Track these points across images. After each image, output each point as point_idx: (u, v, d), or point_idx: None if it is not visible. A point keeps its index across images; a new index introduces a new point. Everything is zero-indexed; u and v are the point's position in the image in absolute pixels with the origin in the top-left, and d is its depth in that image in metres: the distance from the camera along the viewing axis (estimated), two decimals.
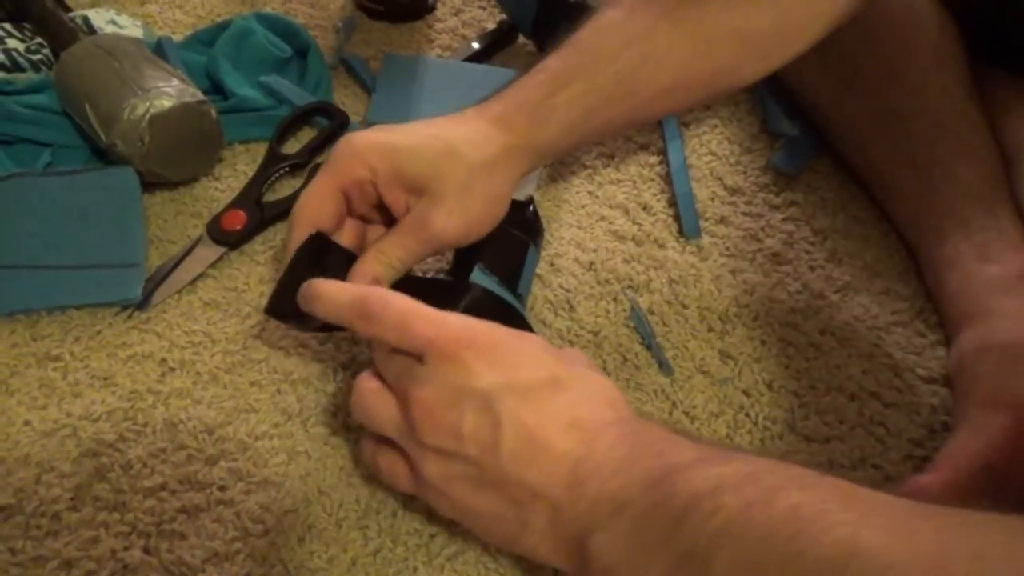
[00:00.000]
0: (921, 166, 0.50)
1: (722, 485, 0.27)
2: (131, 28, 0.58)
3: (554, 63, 0.43)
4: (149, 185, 0.51)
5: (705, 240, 0.53)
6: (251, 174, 0.53)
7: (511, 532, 0.33)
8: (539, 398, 0.33)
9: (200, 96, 0.50)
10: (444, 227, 0.39)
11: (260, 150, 0.55)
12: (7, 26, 0.56)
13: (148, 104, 0.48)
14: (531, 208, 0.46)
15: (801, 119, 0.58)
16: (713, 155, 0.58)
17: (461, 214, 0.40)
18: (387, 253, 0.40)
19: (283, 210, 0.51)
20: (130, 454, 0.41)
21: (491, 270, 0.41)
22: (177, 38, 0.61)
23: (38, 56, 0.56)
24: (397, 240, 0.40)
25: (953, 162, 0.49)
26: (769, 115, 0.59)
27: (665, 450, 0.31)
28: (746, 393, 0.45)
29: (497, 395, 0.32)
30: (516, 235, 0.44)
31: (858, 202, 0.55)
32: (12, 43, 0.55)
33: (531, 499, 0.32)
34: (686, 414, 0.44)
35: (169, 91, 0.49)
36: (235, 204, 0.51)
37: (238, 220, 0.50)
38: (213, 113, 0.51)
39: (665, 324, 0.48)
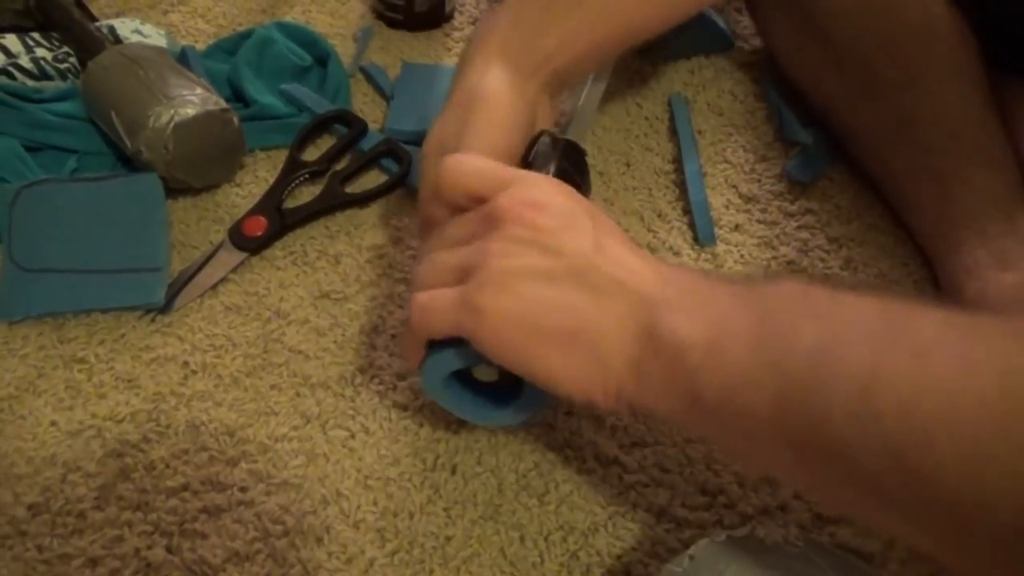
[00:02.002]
0: (938, 174, 0.50)
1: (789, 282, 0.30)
2: (155, 37, 0.59)
3: None
4: (172, 191, 0.52)
5: (720, 248, 0.53)
6: (272, 181, 0.54)
7: (581, 320, 0.31)
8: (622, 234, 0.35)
9: (223, 104, 0.51)
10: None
11: (280, 157, 0.56)
12: (36, 35, 0.57)
13: (172, 112, 0.49)
14: (585, 157, 0.45)
15: (816, 127, 0.58)
16: (728, 163, 0.58)
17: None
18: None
19: (302, 216, 0.52)
20: (153, 455, 0.42)
21: None
22: (200, 47, 0.62)
23: (65, 65, 0.57)
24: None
25: (970, 170, 0.49)
26: (784, 123, 0.59)
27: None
28: None
29: (594, 214, 0.34)
30: (578, 182, 0.43)
31: (873, 210, 0.55)
32: (40, 52, 0.56)
33: (615, 287, 0.32)
34: None
35: (193, 99, 0.50)
36: (256, 210, 0.52)
37: (259, 226, 0.51)
38: (235, 121, 0.52)
39: None
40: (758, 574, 0.34)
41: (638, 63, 0.63)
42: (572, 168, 0.43)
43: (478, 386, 0.39)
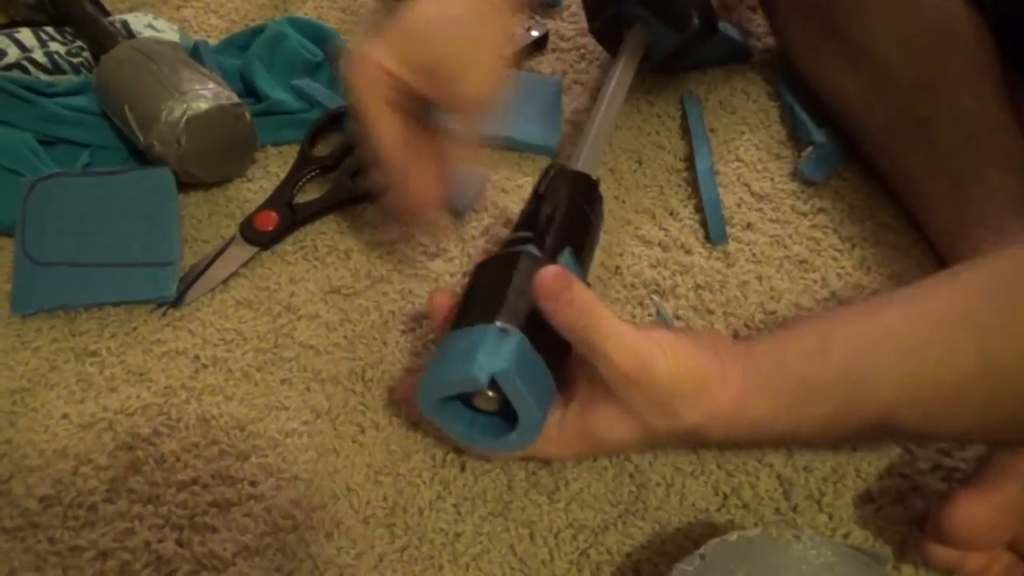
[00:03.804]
0: (954, 175, 0.50)
1: None
2: (168, 32, 0.60)
3: None
4: (184, 185, 0.52)
5: (731, 246, 0.53)
6: (283, 176, 0.54)
7: None
8: None
9: (235, 99, 0.51)
10: (478, 91, 0.42)
11: (292, 152, 0.56)
12: (49, 29, 0.58)
13: (185, 106, 0.49)
14: (597, 187, 0.46)
15: (829, 127, 0.58)
16: (740, 161, 0.58)
17: (488, 74, 0.43)
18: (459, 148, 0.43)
19: (313, 211, 0.52)
20: (164, 448, 0.42)
21: (577, 259, 0.41)
22: (212, 42, 0.62)
23: (79, 59, 0.57)
24: (461, 133, 0.43)
25: (987, 171, 0.49)
26: (797, 122, 0.59)
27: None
28: None
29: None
30: (596, 230, 0.45)
31: (887, 210, 0.55)
32: (54, 46, 0.57)
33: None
34: None
35: (205, 94, 0.50)
36: (267, 205, 0.52)
37: (270, 221, 0.51)
38: (247, 116, 0.52)
39: (691, 329, 0.48)
40: (770, 575, 0.34)
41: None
42: (583, 200, 0.44)
43: (478, 412, 0.38)
